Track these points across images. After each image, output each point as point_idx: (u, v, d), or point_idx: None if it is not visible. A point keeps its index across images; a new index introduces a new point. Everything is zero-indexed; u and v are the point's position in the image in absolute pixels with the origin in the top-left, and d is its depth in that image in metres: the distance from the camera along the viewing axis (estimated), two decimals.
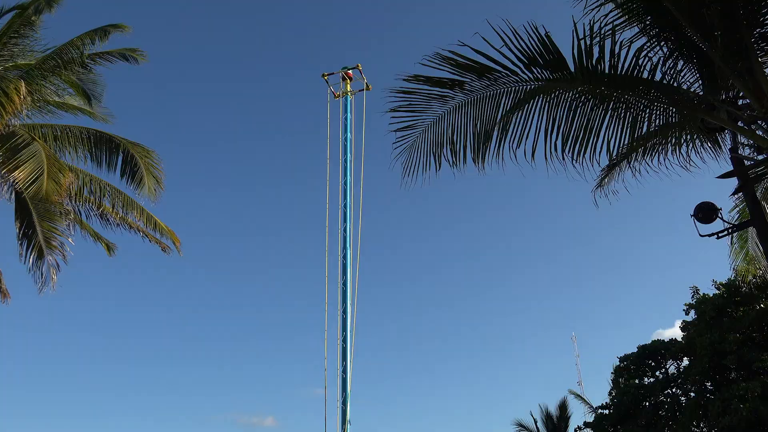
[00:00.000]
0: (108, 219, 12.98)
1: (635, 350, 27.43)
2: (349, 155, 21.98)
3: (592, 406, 29.77)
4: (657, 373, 27.22)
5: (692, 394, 23.76)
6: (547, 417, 30.57)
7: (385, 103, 8.42)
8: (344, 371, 17.55)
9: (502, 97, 8.04)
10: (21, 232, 10.44)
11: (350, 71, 24.47)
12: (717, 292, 23.73)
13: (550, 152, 8.10)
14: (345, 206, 20.06)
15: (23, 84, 9.47)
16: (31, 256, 10.44)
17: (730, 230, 9.85)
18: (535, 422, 31.15)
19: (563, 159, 8.07)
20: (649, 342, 27.44)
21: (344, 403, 17.25)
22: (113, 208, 12.35)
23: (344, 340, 17.86)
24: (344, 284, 18.40)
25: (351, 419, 17.15)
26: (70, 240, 11.00)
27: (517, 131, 8.17)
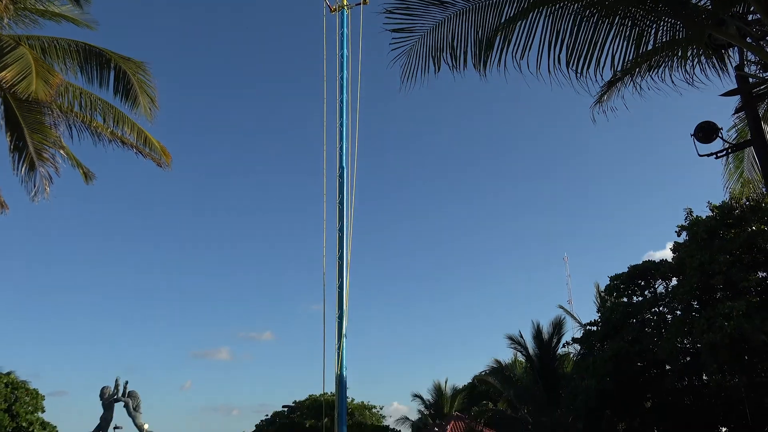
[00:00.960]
0: (99, 135, 12.73)
1: (626, 270, 27.98)
2: (345, 72, 21.47)
3: (580, 323, 30.71)
4: (646, 292, 27.86)
5: (678, 312, 24.38)
6: (538, 333, 31.50)
7: (384, 17, 8.11)
8: (341, 287, 17.90)
9: (504, 6, 7.75)
10: (12, 144, 10.27)
11: None
12: (711, 214, 23.92)
13: (554, 65, 7.89)
14: (342, 125, 19.79)
15: None
16: (23, 168, 10.32)
17: (729, 150, 9.79)
18: (523, 339, 32.09)
19: (567, 72, 7.88)
20: (640, 263, 27.97)
21: (340, 318, 17.68)
22: (104, 122, 12.12)
23: (341, 257, 18.12)
24: (341, 202, 18.47)
25: (347, 333, 17.64)
26: (61, 152, 10.86)
27: (520, 42, 7.94)
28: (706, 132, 9.49)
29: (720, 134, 9.71)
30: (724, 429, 27.49)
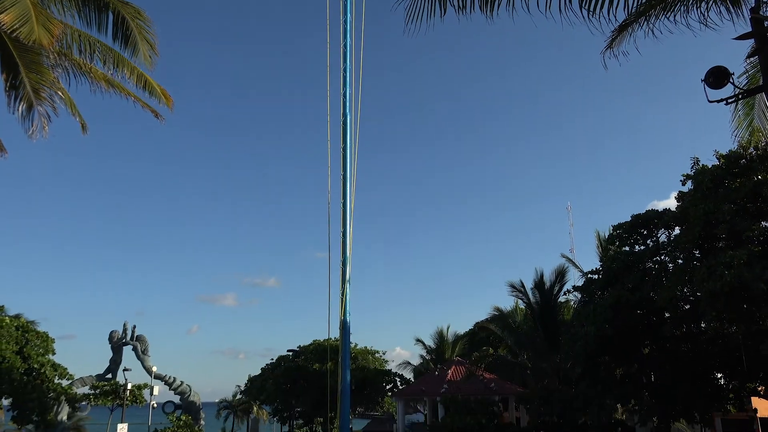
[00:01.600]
0: (97, 81, 12.45)
1: (629, 220, 27.99)
2: (349, 15, 20.93)
3: (582, 271, 30.92)
4: (648, 241, 27.93)
5: (680, 261, 24.49)
6: (540, 281, 31.82)
7: None
8: (344, 234, 17.98)
9: None
10: (8, 83, 10.09)
11: None
12: (717, 163, 23.72)
13: (566, 4, 7.66)
14: (345, 70, 19.44)
15: None
16: (21, 106, 10.16)
17: (739, 96, 9.62)
18: (523, 286, 32.41)
19: (579, 12, 7.65)
20: (643, 212, 27.94)
21: (344, 263, 17.83)
22: (104, 65, 11.87)
23: (345, 205, 18.14)
24: (344, 149, 18.35)
25: (350, 279, 17.84)
26: (59, 93, 10.68)
27: None
28: (717, 77, 9.29)
29: (731, 80, 9.52)
30: (720, 375, 28.06)
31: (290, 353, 43.72)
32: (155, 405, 45.40)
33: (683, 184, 25.63)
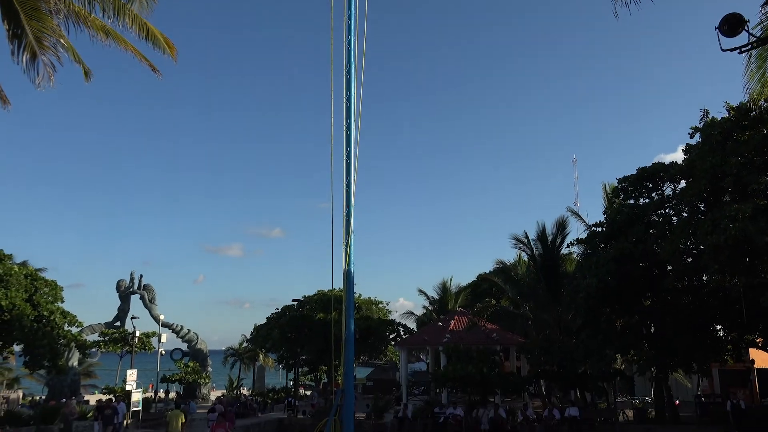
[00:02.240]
0: (96, 31, 12.13)
1: (635, 173, 27.82)
2: None
3: (587, 223, 30.93)
4: (653, 194, 27.84)
5: (684, 215, 24.47)
6: (543, 232, 31.88)
7: None
8: (348, 185, 17.90)
9: None
10: (10, 32, 9.88)
11: None
12: (727, 115, 23.39)
13: None
14: (350, 17, 19.00)
15: None
16: (25, 56, 9.98)
17: (754, 44, 9.36)
18: (527, 237, 32.49)
19: None
20: (649, 165, 27.74)
21: (348, 215, 17.82)
22: (103, 13, 11.58)
23: (348, 155, 17.99)
24: (348, 99, 18.08)
25: (354, 229, 17.86)
26: (62, 41, 10.47)
27: None
28: (731, 25, 9.03)
29: (746, 27, 9.26)
30: (719, 327, 28.40)
31: (295, 303, 44.28)
32: (163, 352, 46.34)
33: (691, 137, 25.35)
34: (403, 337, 43.60)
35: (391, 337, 45.76)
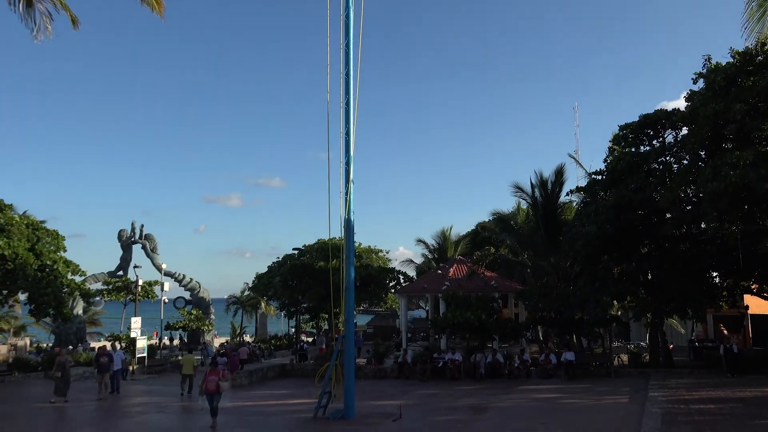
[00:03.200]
0: None
1: (637, 120, 27.55)
2: None
3: (587, 171, 30.84)
4: (654, 142, 27.65)
5: (685, 162, 24.39)
6: (542, 181, 31.83)
7: None
8: (347, 134, 17.78)
9: None
10: None
11: None
12: (731, 61, 23.00)
13: None
14: None
15: None
16: (21, 5, 9.77)
17: None
18: (532, 186, 32.47)
19: None
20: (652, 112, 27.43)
21: (347, 164, 17.76)
22: None
23: (347, 103, 17.80)
24: (347, 46, 17.76)
25: (354, 179, 17.84)
26: None
27: None
28: None
29: None
30: (715, 274, 28.73)
31: (295, 251, 44.63)
32: (166, 300, 46.98)
33: (694, 83, 25.02)
34: (403, 284, 44.09)
35: (390, 284, 46.28)
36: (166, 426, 16.11)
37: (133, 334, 32.60)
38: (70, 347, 38.51)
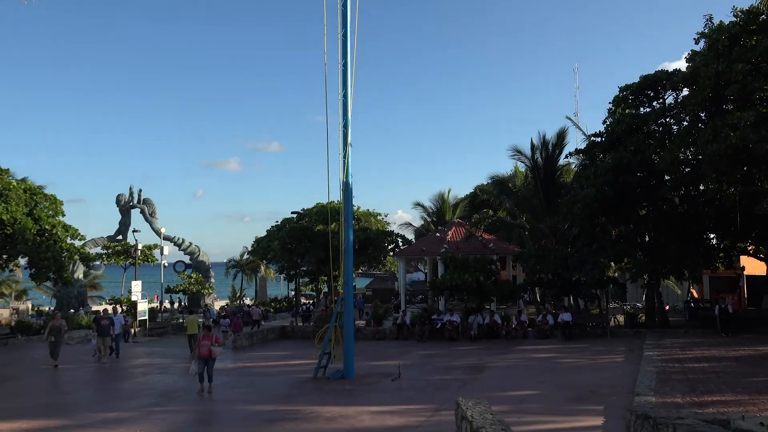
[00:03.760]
0: None
1: (637, 81, 27.26)
2: None
3: (585, 133, 30.68)
4: (654, 103, 27.42)
5: (685, 123, 24.23)
6: (544, 143, 31.64)
7: None
8: (344, 96, 17.61)
9: None
10: None
11: None
12: (735, 20, 22.62)
13: None
14: None
15: None
16: None
17: None
18: (532, 148, 32.30)
19: None
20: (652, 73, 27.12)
21: (345, 126, 17.63)
22: None
23: (344, 65, 17.57)
24: (344, 4, 17.42)
25: (351, 142, 17.74)
26: None
27: None
28: None
29: None
30: (712, 236, 28.87)
31: (294, 215, 44.67)
32: (166, 264, 47.27)
33: (696, 43, 24.66)
34: (402, 247, 44.29)
35: (389, 247, 46.49)
36: (169, 386, 16.36)
37: (133, 298, 32.87)
38: (72, 311, 38.84)
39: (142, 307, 31.83)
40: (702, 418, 4.98)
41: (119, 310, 29.13)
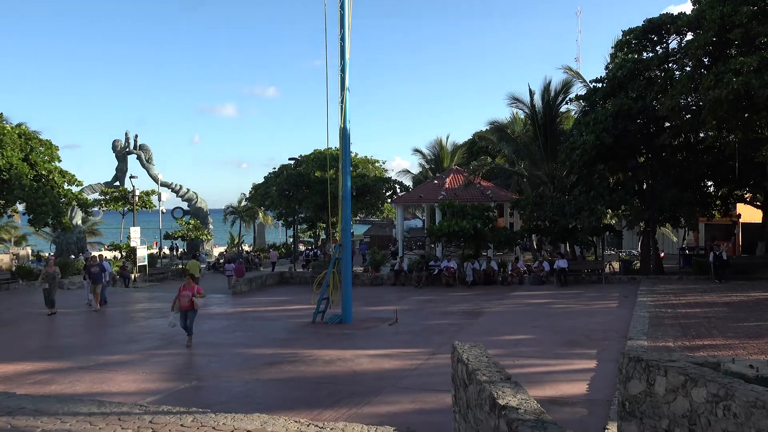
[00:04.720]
0: None
1: (641, 24, 26.68)
2: None
3: (585, 81, 30.20)
4: (657, 48, 26.92)
5: (688, 69, 23.83)
6: (546, 89, 31.19)
7: None
8: (342, 39, 17.23)
9: None
10: None
11: None
12: None
13: None
14: None
15: None
16: None
17: None
18: (531, 95, 31.88)
19: None
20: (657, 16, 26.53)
21: (342, 71, 17.33)
22: None
23: (342, 7, 17.12)
24: None
25: (350, 87, 17.47)
26: None
27: None
28: None
29: None
30: (710, 183, 28.87)
31: (292, 161, 44.47)
32: (164, 210, 47.30)
33: None
34: (399, 194, 44.29)
35: (387, 194, 46.50)
36: (170, 330, 16.60)
37: (132, 244, 33.04)
38: (72, 257, 39.10)
39: (142, 253, 32.04)
40: (693, 361, 5.08)
41: (105, 256, 28.68)
